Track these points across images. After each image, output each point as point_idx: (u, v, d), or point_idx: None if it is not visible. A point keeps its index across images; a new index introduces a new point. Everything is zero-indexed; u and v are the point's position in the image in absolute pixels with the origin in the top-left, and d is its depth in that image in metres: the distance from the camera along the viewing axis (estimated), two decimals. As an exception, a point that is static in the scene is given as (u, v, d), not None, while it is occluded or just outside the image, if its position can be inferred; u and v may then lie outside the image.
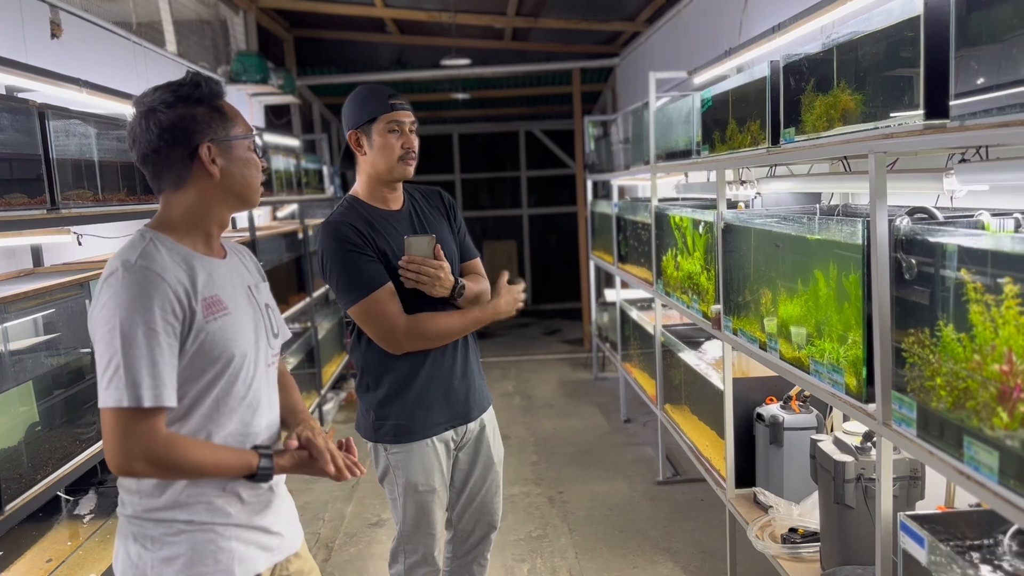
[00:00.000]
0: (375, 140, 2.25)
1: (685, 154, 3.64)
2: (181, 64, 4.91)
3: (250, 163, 1.60)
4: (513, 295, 2.39)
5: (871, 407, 1.96)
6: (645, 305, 5.54)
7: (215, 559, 1.52)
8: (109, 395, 1.41)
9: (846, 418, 3.22)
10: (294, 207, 5.77)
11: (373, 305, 2.19)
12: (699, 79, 4.15)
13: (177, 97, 1.51)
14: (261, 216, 5.91)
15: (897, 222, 1.80)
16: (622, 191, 6.78)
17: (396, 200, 2.36)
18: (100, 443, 2.45)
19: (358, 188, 2.36)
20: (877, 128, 1.84)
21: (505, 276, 2.42)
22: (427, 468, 2.33)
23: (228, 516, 1.55)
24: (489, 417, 2.50)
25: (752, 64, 3.55)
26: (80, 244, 2.83)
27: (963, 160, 1.89)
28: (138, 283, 1.43)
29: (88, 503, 2.78)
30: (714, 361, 3.91)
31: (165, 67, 4.66)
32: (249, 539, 1.58)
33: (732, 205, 3.41)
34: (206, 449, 1.50)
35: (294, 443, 1.64)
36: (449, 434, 2.38)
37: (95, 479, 2.89)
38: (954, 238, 1.59)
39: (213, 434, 1.54)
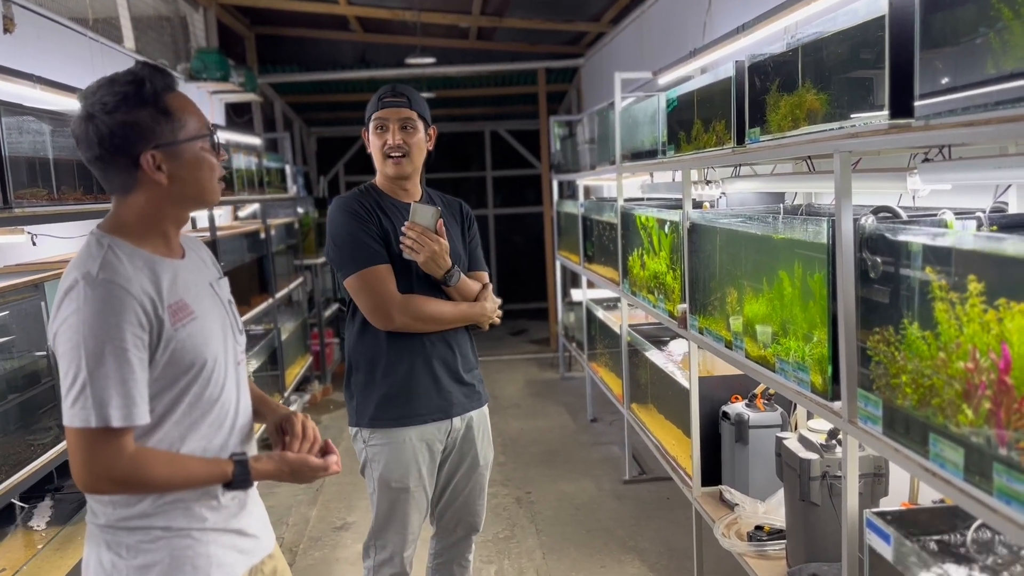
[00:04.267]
0: (370, 139, 2.37)
1: (651, 154, 3.65)
2: (140, 61, 4.80)
3: (202, 164, 1.51)
4: (494, 303, 2.46)
5: (837, 405, 1.97)
6: (611, 305, 5.55)
7: (193, 565, 1.49)
8: (75, 414, 1.35)
9: (810, 415, 3.25)
10: (256, 207, 5.68)
11: (371, 277, 2.25)
12: (664, 79, 4.16)
13: (118, 100, 1.41)
14: (222, 216, 5.81)
15: (862, 221, 1.81)
16: (588, 191, 6.79)
17: (411, 196, 2.42)
18: (56, 449, 2.40)
19: (377, 177, 2.43)
20: (842, 128, 1.86)
21: (490, 287, 2.48)
22: (402, 464, 2.33)
23: (205, 520, 1.51)
24: (479, 417, 2.50)
25: (717, 65, 3.56)
26: (35, 244, 2.75)
27: (926, 159, 1.91)
28: (102, 298, 1.37)
29: (44, 511, 2.71)
30: (680, 360, 3.93)
31: (123, 64, 4.51)
32: (226, 543, 1.54)
33: (697, 205, 3.42)
34: (176, 464, 1.46)
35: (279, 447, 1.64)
36: (432, 431, 2.37)
37: (50, 485, 2.81)
38: (919, 237, 1.61)
39: (187, 439, 1.50)
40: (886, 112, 1.67)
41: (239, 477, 1.50)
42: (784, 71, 2.21)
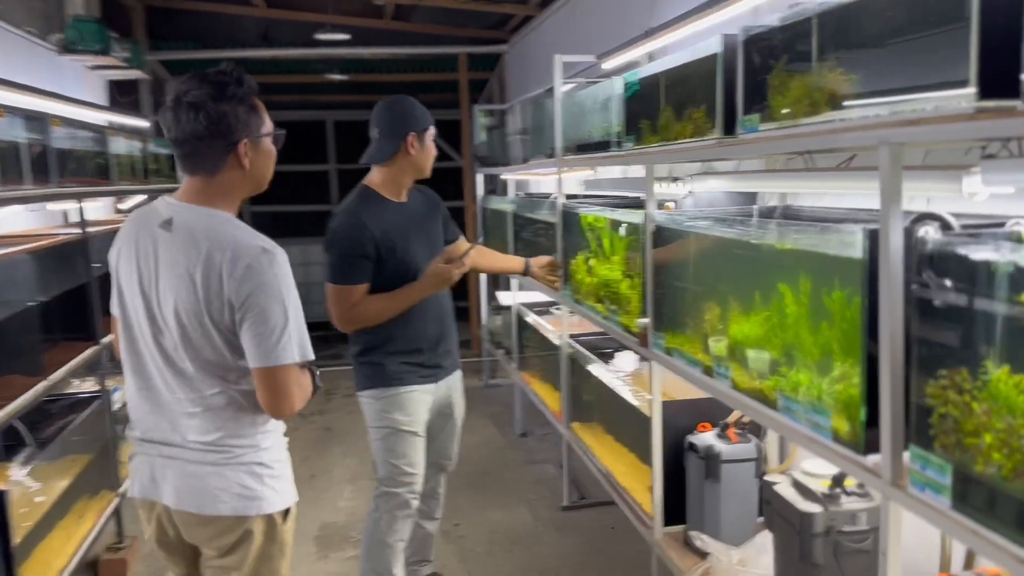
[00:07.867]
0: (426, 145, 2.85)
1: (600, 146, 3.21)
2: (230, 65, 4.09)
3: (271, 156, 1.84)
4: (441, 273, 2.76)
5: (871, 460, 1.58)
6: (544, 309, 5.12)
7: (290, 480, 1.91)
8: (286, 354, 1.72)
9: (783, 445, 2.88)
10: (141, 198, 4.98)
11: (344, 293, 2.71)
12: (608, 64, 3.74)
13: (224, 95, 1.70)
14: (101, 208, 5.10)
15: (920, 233, 1.42)
16: (516, 186, 6.31)
17: (406, 194, 2.89)
18: None
19: (376, 179, 2.89)
20: (895, 113, 1.45)
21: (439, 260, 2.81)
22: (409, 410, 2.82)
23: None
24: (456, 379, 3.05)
25: (668, 51, 3.15)
26: None
27: (988, 156, 1.53)
28: (284, 261, 1.73)
29: None
30: (629, 376, 3.53)
31: (-24, 27, 3.84)
32: None
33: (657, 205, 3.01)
34: (306, 377, 1.82)
35: None
36: (430, 389, 2.87)
37: None
38: (1013, 256, 1.22)
39: None
40: (971, 91, 1.27)
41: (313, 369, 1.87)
42: (794, 46, 1.80)
